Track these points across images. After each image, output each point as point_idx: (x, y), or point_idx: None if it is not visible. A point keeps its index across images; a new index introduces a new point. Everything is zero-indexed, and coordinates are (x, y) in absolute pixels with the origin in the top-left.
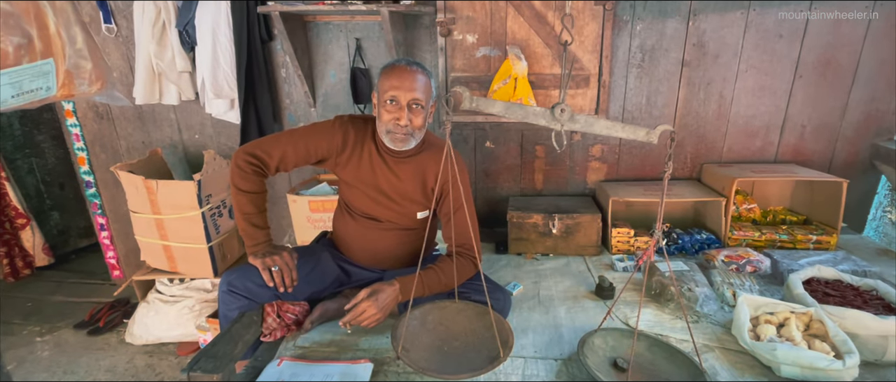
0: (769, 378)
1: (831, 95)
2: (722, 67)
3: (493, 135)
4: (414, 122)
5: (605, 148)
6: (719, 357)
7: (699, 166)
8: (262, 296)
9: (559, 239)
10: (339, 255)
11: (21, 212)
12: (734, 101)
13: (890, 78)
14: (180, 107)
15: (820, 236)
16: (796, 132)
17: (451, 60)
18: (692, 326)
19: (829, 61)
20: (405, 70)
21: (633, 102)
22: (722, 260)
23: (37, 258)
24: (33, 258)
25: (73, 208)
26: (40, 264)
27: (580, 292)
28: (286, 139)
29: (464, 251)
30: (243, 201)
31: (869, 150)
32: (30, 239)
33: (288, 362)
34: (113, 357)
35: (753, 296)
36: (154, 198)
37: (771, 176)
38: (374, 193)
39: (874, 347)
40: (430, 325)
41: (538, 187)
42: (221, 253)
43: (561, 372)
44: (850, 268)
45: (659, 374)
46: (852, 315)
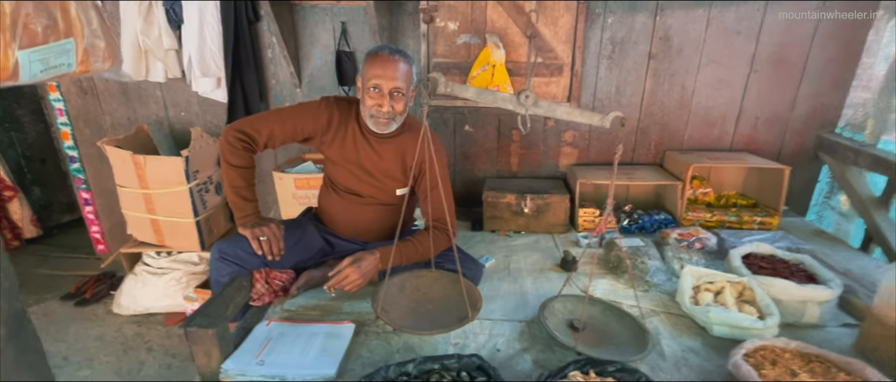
0: (704, 337)
1: (782, 89)
2: (685, 60)
3: (471, 119)
4: (395, 108)
5: (576, 134)
6: (663, 320)
7: (662, 152)
8: (251, 263)
9: (531, 218)
10: (323, 228)
11: (8, 185)
12: (695, 92)
13: (835, 75)
14: (167, 85)
15: (764, 218)
16: (750, 123)
17: (433, 46)
18: (643, 294)
19: (781, 58)
20: (388, 59)
21: (604, 91)
22: (675, 237)
23: (25, 230)
24: (21, 230)
25: (54, 183)
26: (29, 236)
27: (546, 265)
28: (274, 117)
29: (439, 225)
30: (233, 175)
31: (814, 141)
32: (18, 212)
33: (276, 323)
34: (101, 327)
35: (697, 268)
36: (142, 173)
37: (725, 162)
38: (357, 170)
39: (794, 310)
40: (408, 291)
41: (513, 169)
42: (208, 227)
43: (524, 333)
44: (786, 246)
45: (609, 334)
46: (778, 283)
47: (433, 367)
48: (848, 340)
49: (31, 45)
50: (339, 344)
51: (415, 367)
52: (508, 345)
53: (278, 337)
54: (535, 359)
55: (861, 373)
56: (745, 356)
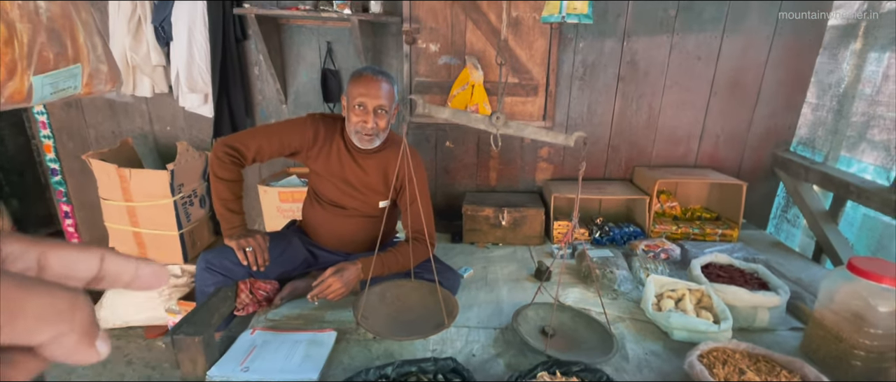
0: (665, 341)
1: (739, 110)
2: (651, 83)
3: (452, 135)
4: (379, 125)
5: (551, 150)
6: (629, 326)
7: (632, 168)
8: (237, 274)
9: (508, 231)
10: (307, 240)
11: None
12: (661, 112)
13: (787, 97)
14: (153, 100)
15: (725, 230)
16: (712, 141)
17: (415, 66)
18: (611, 302)
19: (738, 81)
20: (372, 79)
21: (577, 111)
22: (642, 248)
23: None
24: None
25: (33, 196)
26: None
27: (522, 275)
28: (262, 133)
29: (419, 236)
30: (221, 188)
31: (770, 159)
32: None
33: (260, 331)
34: None
35: (661, 277)
36: (126, 187)
37: (689, 178)
38: (342, 184)
39: (747, 315)
40: (388, 299)
41: (492, 184)
42: (192, 240)
43: (498, 339)
44: (743, 256)
45: (578, 339)
46: (732, 290)
47: (411, 370)
48: (794, 342)
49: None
50: (321, 351)
51: (393, 370)
52: (483, 351)
53: (262, 345)
54: (508, 363)
55: (800, 371)
56: (700, 357)
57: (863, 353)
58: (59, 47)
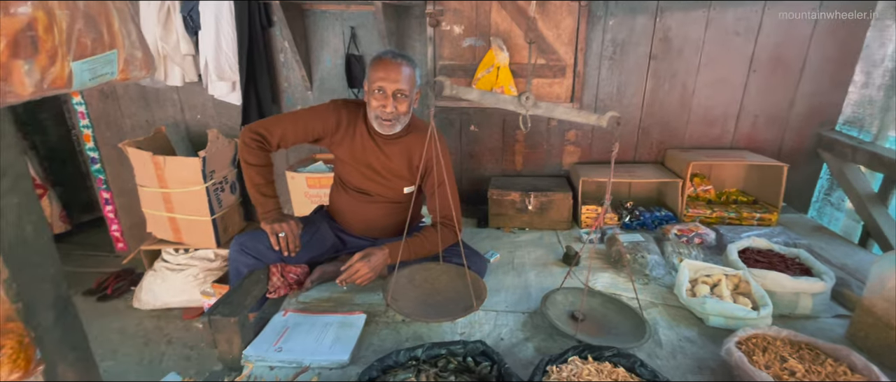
0: (700, 327)
1: (781, 88)
2: (685, 61)
3: (477, 119)
4: (398, 109)
5: (579, 133)
6: (661, 312)
7: (664, 151)
8: (269, 257)
9: (534, 215)
10: (335, 225)
11: (39, 183)
12: (696, 92)
13: (832, 74)
14: (183, 89)
15: (763, 214)
16: (750, 121)
17: (439, 49)
18: (643, 287)
19: (780, 57)
20: (391, 63)
21: (606, 91)
22: (675, 233)
23: (54, 226)
24: (51, 226)
25: (75, 184)
26: (57, 231)
27: (549, 260)
28: (287, 119)
29: (446, 221)
30: (253, 173)
31: (813, 139)
32: (47, 208)
33: (292, 313)
34: (122, 320)
35: (694, 261)
36: (161, 173)
37: (725, 160)
38: (366, 170)
39: (788, 302)
40: (417, 282)
41: (518, 168)
42: (224, 225)
43: (527, 323)
44: (783, 241)
45: (608, 324)
46: (772, 276)
47: (440, 353)
48: (840, 330)
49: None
50: (351, 333)
51: (423, 352)
52: (512, 335)
53: (295, 326)
54: (538, 347)
55: (847, 359)
56: (738, 343)
57: None
58: (95, 33)
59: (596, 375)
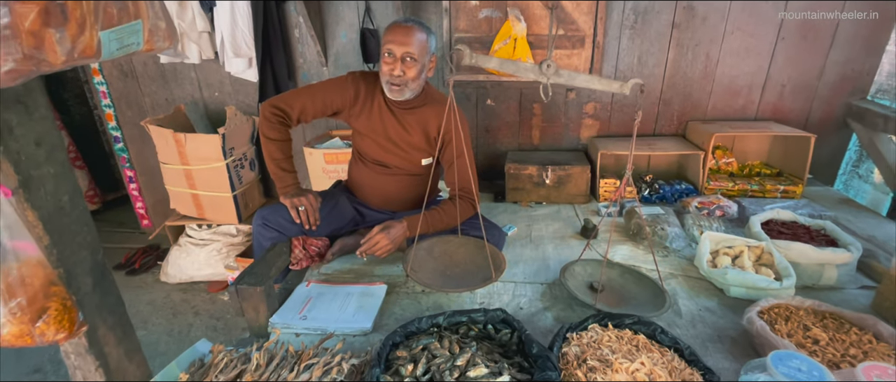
0: (720, 298)
1: (810, 56)
2: (710, 29)
3: (493, 93)
4: (407, 73)
5: (597, 105)
6: (681, 283)
7: (685, 123)
8: (290, 230)
9: (552, 189)
10: (354, 199)
11: (77, 155)
12: (720, 62)
13: (866, 40)
14: (201, 66)
15: (787, 186)
16: (776, 91)
17: (455, 21)
18: (662, 259)
19: (810, 24)
20: (401, 26)
21: (626, 62)
22: (695, 205)
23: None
24: None
25: (99, 163)
26: (90, 208)
27: (567, 233)
28: (305, 93)
29: (464, 194)
30: (272, 148)
31: (843, 109)
32: (83, 182)
33: (315, 284)
34: (151, 293)
35: (716, 233)
36: (182, 150)
37: (749, 131)
38: (384, 142)
39: (812, 273)
40: (436, 254)
41: (535, 142)
42: (245, 201)
43: (545, 294)
44: (808, 213)
45: (628, 294)
46: (796, 247)
47: (461, 320)
48: (865, 301)
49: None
50: (373, 302)
51: (445, 319)
52: (531, 304)
53: (318, 296)
54: (557, 316)
55: (873, 328)
56: (760, 313)
57: None
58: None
59: (616, 342)
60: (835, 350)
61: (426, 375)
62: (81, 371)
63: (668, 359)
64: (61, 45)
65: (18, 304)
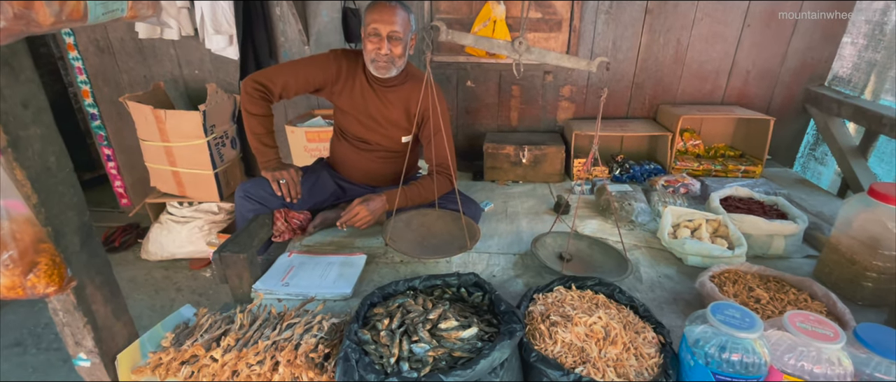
0: (679, 266)
1: (774, 43)
2: (681, 15)
3: (473, 74)
4: (393, 51)
5: (574, 88)
6: (644, 253)
7: (656, 106)
8: (272, 203)
9: (528, 168)
10: (335, 174)
11: None
12: (690, 47)
13: (826, 28)
14: (180, 43)
15: (748, 167)
16: (741, 76)
17: (436, 3)
18: (628, 232)
19: (774, 11)
20: (385, 6)
21: (601, 46)
22: (662, 184)
23: None
24: None
25: (74, 142)
26: None
27: (541, 209)
28: (288, 69)
29: (441, 169)
30: (254, 123)
31: (802, 95)
32: None
33: (297, 254)
34: (132, 270)
35: (677, 208)
36: (163, 127)
37: (714, 114)
38: (365, 119)
39: (762, 243)
40: (414, 226)
41: (513, 124)
42: (226, 179)
43: (517, 263)
44: (765, 191)
45: (594, 263)
46: (749, 219)
47: (436, 283)
48: (808, 268)
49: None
50: (353, 271)
51: (421, 283)
52: (503, 272)
53: (300, 265)
54: (527, 283)
55: (809, 289)
56: (711, 277)
57: (874, 275)
58: None
59: (578, 300)
60: (774, 308)
61: (401, 327)
62: (70, 329)
63: (624, 315)
64: (50, 7)
65: (10, 257)
